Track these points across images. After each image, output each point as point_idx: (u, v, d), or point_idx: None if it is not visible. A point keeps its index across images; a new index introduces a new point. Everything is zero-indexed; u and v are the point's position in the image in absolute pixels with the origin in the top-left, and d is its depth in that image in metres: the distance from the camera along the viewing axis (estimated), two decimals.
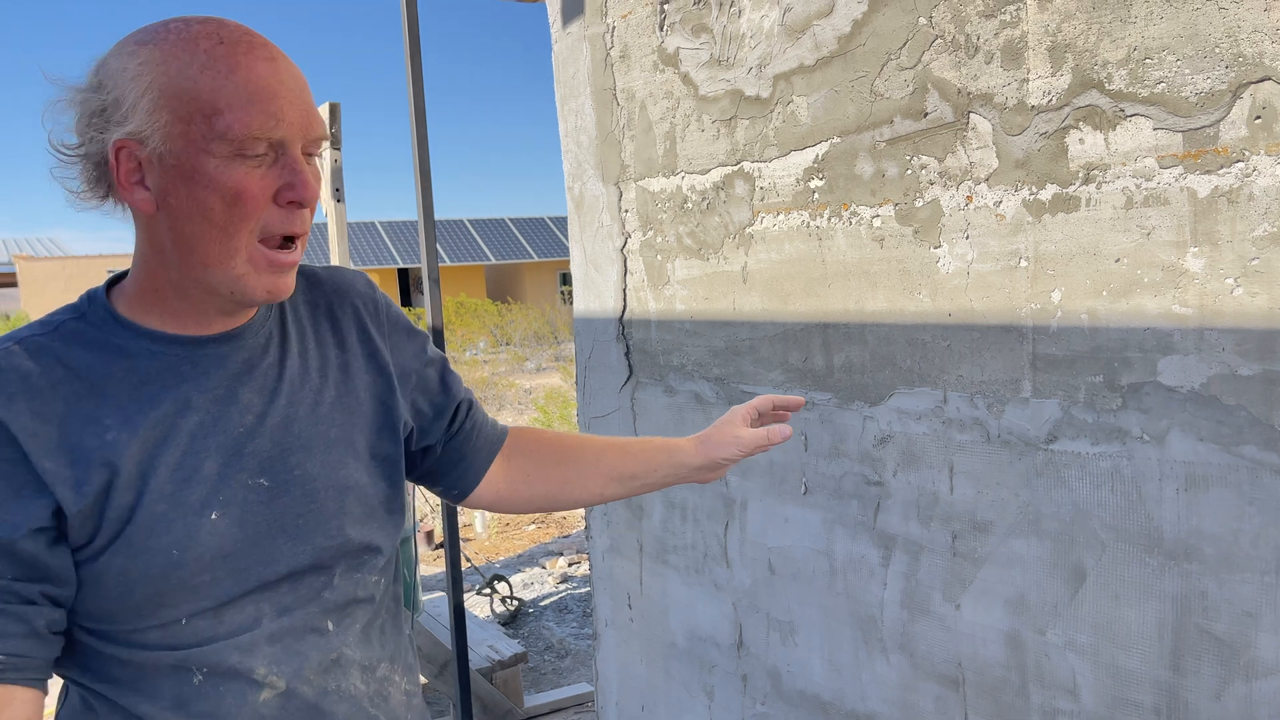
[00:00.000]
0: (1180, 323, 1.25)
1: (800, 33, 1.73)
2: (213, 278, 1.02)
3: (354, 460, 1.15)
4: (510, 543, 7.03)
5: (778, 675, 1.98)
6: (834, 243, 1.72)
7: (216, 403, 1.06)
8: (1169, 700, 1.32)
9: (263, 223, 1.00)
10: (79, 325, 1.04)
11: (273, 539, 1.07)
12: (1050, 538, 1.43)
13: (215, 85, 0.97)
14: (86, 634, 1.04)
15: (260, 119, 0.97)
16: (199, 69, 0.97)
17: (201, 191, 0.98)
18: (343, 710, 1.14)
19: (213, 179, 0.98)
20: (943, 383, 1.57)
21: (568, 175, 2.47)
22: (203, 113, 0.97)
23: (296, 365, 1.13)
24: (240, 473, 1.05)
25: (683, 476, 1.33)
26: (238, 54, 0.98)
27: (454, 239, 28.82)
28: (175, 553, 1.01)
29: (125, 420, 1.01)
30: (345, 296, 1.24)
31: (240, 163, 0.98)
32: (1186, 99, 1.22)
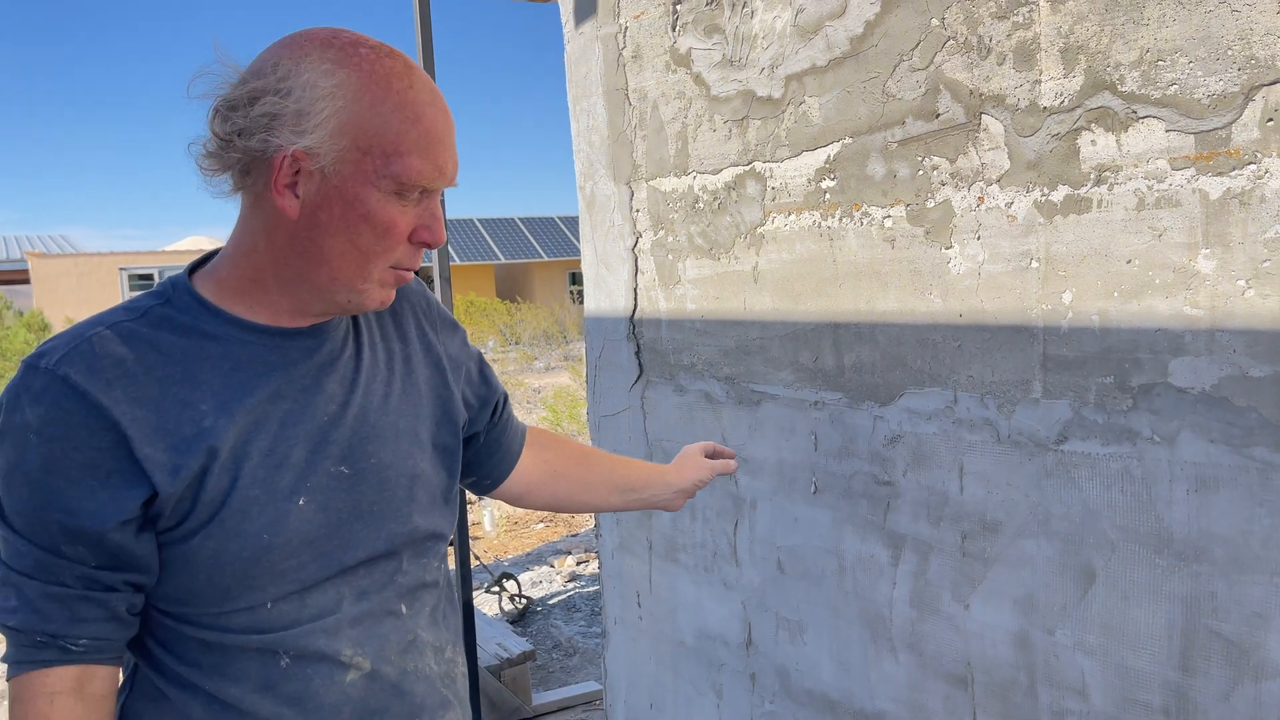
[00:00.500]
0: (1191, 324, 1.26)
1: (812, 33, 1.73)
2: (336, 289, 1.07)
3: (419, 450, 1.20)
4: (518, 541, 7.04)
5: (786, 674, 1.98)
6: (845, 243, 1.73)
7: (304, 392, 1.10)
8: (1178, 701, 1.32)
9: (397, 255, 1.07)
10: (166, 310, 1.07)
11: (351, 525, 1.11)
12: (1060, 538, 1.44)
13: (402, 130, 1.03)
14: (168, 617, 1.07)
15: (430, 170, 1.04)
16: (390, 109, 1.03)
17: (356, 217, 1.04)
18: (420, 690, 1.19)
19: (371, 210, 1.03)
20: (953, 383, 1.57)
21: (579, 175, 2.48)
22: (383, 151, 1.02)
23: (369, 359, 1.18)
24: (325, 460, 1.09)
25: (665, 501, 1.51)
26: (422, 103, 1.04)
27: (464, 238, 28.87)
28: (266, 537, 1.04)
29: (221, 405, 1.04)
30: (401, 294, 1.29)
31: (397, 201, 1.04)
32: (1199, 101, 1.22)
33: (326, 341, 1.13)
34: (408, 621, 1.18)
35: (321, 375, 1.12)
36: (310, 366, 1.11)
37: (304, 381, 1.10)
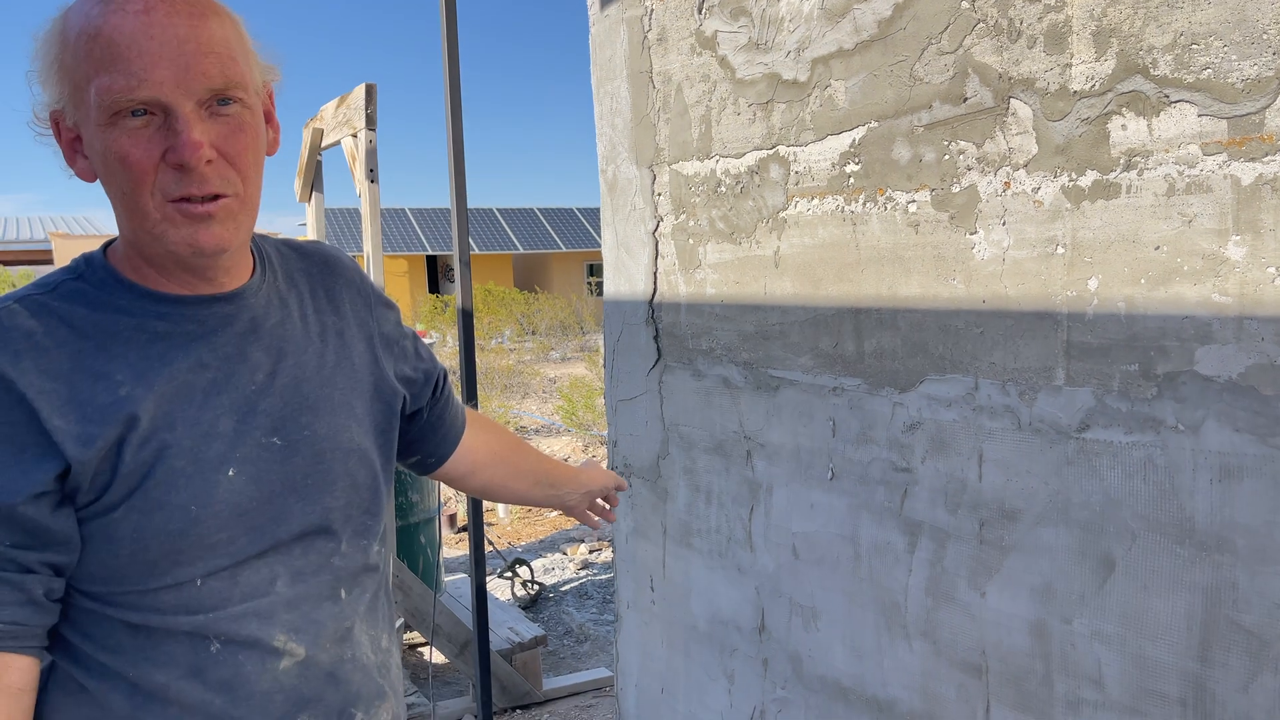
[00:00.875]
0: (1219, 311, 1.24)
1: (840, 16, 1.72)
2: (144, 236, 1.00)
3: (355, 424, 1.15)
4: (532, 528, 7.06)
5: (799, 660, 1.98)
6: (868, 228, 1.72)
7: (227, 360, 1.05)
8: (1196, 691, 1.31)
9: (161, 185, 0.96)
10: (79, 285, 1.02)
11: (285, 498, 1.07)
12: (1079, 527, 1.43)
13: (86, 50, 0.93)
14: (90, 599, 1.02)
15: (121, 81, 0.92)
16: (76, 34, 0.94)
17: (102, 161, 0.97)
18: (357, 679, 1.15)
19: (103, 147, 0.95)
20: (974, 369, 1.56)
21: (601, 158, 2.48)
22: (83, 79, 0.94)
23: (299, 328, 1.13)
24: (254, 430, 1.05)
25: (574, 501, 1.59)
26: (107, 12, 0.93)
27: (483, 228, 28.91)
28: (194, 508, 1.00)
29: (138, 376, 0.99)
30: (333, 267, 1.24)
31: (118, 128, 0.94)
32: (1232, 85, 1.21)
33: (246, 309, 1.08)
34: (345, 608, 1.14)
35: (244, 344, 1.07)
36: (231, 334, 1.07)
37: (226, 350, 1.06)
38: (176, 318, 1.04)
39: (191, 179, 0.96)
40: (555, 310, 21.96)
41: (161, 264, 1.03)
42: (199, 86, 0.95)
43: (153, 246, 1.01)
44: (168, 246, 0.99)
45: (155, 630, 1.02)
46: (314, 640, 1.09)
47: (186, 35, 0.94)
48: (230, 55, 0.97)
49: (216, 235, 0.99)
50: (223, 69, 0.96)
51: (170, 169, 0.95)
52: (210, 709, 1.04)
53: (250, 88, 1.01)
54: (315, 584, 1.10)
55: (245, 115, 1.00)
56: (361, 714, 1.15)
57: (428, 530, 4.57)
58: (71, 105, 0.97)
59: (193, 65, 0.94)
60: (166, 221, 0.97)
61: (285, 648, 1.07)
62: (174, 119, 0.94)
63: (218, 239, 0.99)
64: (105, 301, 1.02)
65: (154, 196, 0.96)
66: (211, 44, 0.96)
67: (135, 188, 0.96)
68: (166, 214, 0.97)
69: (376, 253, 3.81)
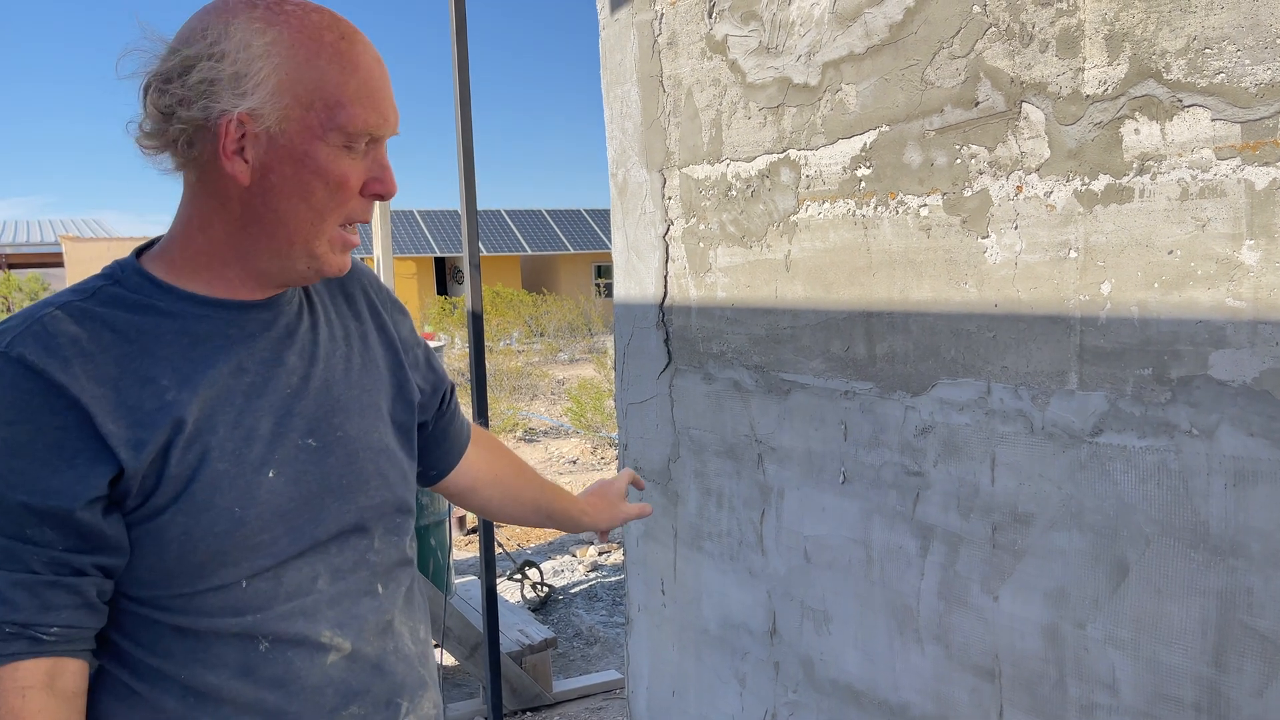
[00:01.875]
0: (1233, 316, 1.24)
1: (851, 20, 1.72)
2: (295, 253, 1.05)
3: (383, 424, 1.19)
4: (541, 530, 7.06)
5: (810, 664, 1.98)
6: (880, 232, 1.72)
7: (265, 365, 1.08)
8: (1210, 696, 1.31)
9: (351, 210, 1.06)
10: (117, 290, 1.05)
11: (322, 498, 1.10)
12: (1093, 531, 1.42)
13: (340, 80, 1.02)
14: (137, 604, 1.04)
15: (375, 117, 1.03)
16: (326, 61, 1.02)
17: (308, 175, 1.02)
18: (401, 670, 1.18)
19: (322, 165, 1.02)
20: (987, 373, 1.56)
21: (611, 162, 2.48)
22: (326, 103, 1.01)
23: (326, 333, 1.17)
24: (291, 432, 1.08)
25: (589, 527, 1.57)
26: (357, 52, 1.04)
27: (491, 229, 28.95)
28: (237, 510, 1.02)
29: (183, 379, 1.02)
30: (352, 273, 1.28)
31: (347, 154, 1.03)
32: (1246, 90, 1.21)
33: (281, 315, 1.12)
34: (384, 602, 1.16)
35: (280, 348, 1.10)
36: (269, 339, 1.09)
37: (264, 354, 1.08)
38: (217, 320, 1.07)
39: (370, 210, 1.09)
40: (563, 312, 21.97)
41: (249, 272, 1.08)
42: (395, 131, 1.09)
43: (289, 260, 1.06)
44: (321, 267, 1.07)
45: (204, 633, 1.04)
46: (358, 634, 1.13)
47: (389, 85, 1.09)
48: None
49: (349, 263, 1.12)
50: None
51: (363, 199, 1.07)
52: (264, 706, 1.06)
53: None
54: (354, 580, 1.13)
55: None
56: (406, 703, 1.19)
57: (438, 533, 4.58)
58: (279, 116, 1.01)
59: (396, 111, 1.08)
60: (332, 244, 1.07)
61: (332, 643, 1.10)
62: (377, 153, 1.06)
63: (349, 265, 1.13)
64: (145, 305, 1.04)
65: (338, 220, 1.06)
66: None
67: (335, 208, 1.05)
68: (335, 237, 1.06)
69: (387, 255, 3.83)
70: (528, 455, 9.47)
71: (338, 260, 1.08)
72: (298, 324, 1.13)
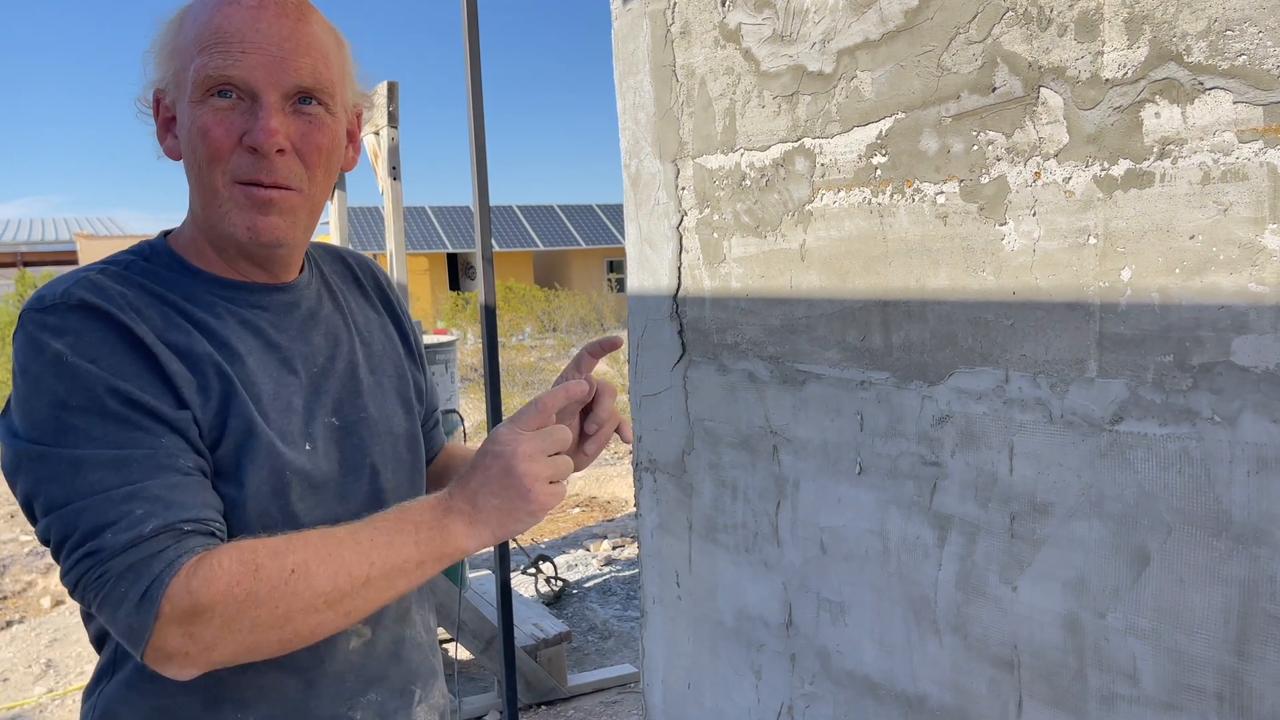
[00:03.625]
0: (1257, 301, 1.22)
1: (866, 7, 1.71)
2: (212, 215, 1.04)
3: (399, 410, 1.21)
4: (555, 525, 7.07)
5: (827, 655, 1.97)
6: (896, 220, 1.71)
7: (293, 342, 1.10)
8: (1232, 686, 1.29)
9: (232, 166, 1.01)
10: (148, 266, 1.06)
11: (346, 476, 1.11)
12: (1113, 520, 1.41)
13: (195, 32, 1.00)
14: None
15: (217, 60, 0.98)
16: (191, 20, 1.02)
17: (186, 133, 1.02)
18: (415, 658, 1.20)
19: (190, 120, 1.01)
20: (1005, 362, 1.55)
21: (624, 153, 2.47)
22: (187, 58, 1.01)
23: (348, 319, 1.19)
24: (320, 409, 1.10)
25: None
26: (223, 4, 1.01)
27: (503, 225, 28.98)
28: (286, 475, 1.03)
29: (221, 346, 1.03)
30: (367, 269, 1.31)
31: (207, 105, 1.00)
32: (1268, 72, 1.19)
33: (303, 298, 1.14)
34: None
35: (306, 329, 1.12)
36: (294, 320, 1.11)
37: (291, 333, 1.10)
38: (242, 302, 1.08)
39: (261, 165, 1.01)
40: (576, 307, 21.97)
41: (225, 250, 1.08)
42: (288, 81, 1.01)
43: (218, 228, 1.04)
44: (228, 229, 1.03)
45: None
46: (378, 620, 1.14)
47: (288, 34, 1.01)
48: (325, 61, 1.03)
49: (274, 225, 1.03)
50: (314, 70, 1.02)
51: (245, 152, 1.00)
52: (286, 690, 1.07)
53: (337, 97, 1.06)
54: None
55: (325, 119, 1.05)
56: (420, 691, 1.20)
57: None
58: (174, 84, 1.03)
59: (287, 60, 1.00)
60: (231, 202, 1.02)
61: (354, 628, 1.10)
62: (258, 106, 1.00)
63: (275, 229, 1.03)
64: (175, 283, 1.06)
65: (224, 175, 1.01)
66: (309, 46, 1.02)
67: (210, 163, 1.01)
68: (233, 194, 1.02)
69: (400, 250, 3.83)
70: None
71: (244, 219, 1.02)
72: (319, 308, 1.15)
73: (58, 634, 5.02)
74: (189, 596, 0.87)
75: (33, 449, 0.92)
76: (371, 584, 0.92)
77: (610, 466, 8.56)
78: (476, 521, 0.95)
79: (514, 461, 0.96)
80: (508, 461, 0.96)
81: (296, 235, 1.06)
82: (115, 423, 0.93)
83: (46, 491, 0.91)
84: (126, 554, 0.88)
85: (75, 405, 0.92)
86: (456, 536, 0.95)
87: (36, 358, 0.93)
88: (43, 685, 4.42)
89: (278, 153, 1.00)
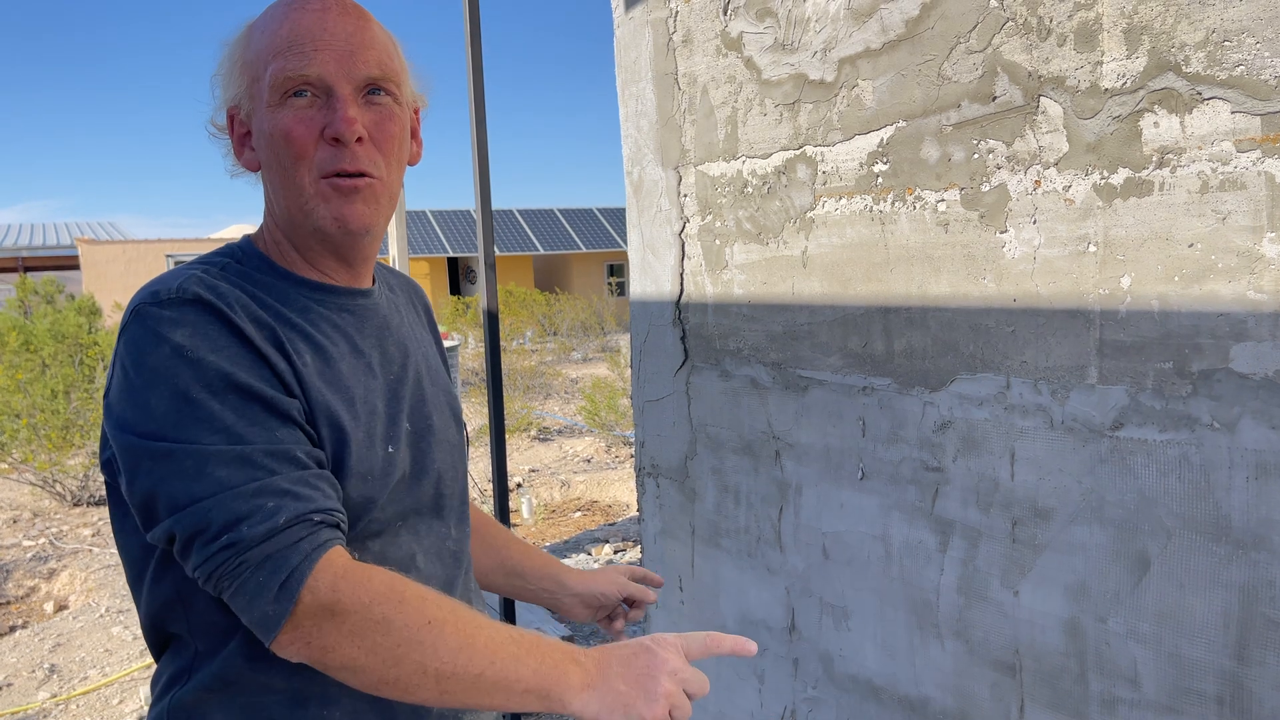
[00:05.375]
0: (1255, 308, 1.24)
1: (867, 16, 1.72)
2: (298, 214, 1.08)
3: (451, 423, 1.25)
4: (557, 529, 7.08)
5: (830, 660, 1.98)
6: (897, 227, 1.72)
7: (373, 348, 1.14)
8: (1233, 690, 1.30)
9: (317, 161, 1.05)
10: (242, 268, 1.10)
11: (416, 479, 1.15)
12: (1114, 525, 1.42)
13: (266, 41, 1.05)
14: None
15: (294, 61, 1.03)
16: (260, 31, 1.06)
17: (268, 142, 1.06)
18: None
19: (271, 127, 1.05)
20: (1006, 368, 1.56)
21: (627, 160, 2.49)
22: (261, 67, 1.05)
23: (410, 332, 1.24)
24: (398, 414, 1.13)
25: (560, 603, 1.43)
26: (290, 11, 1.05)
27: (503, 229, 29.00)
28: (370, 479, 1.06)
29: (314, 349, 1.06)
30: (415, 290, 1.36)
31: (286, 108, 1.04)
32: (1265, 82, 1.20)
33: (379, 307, 1.17)
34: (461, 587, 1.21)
35: (382, 336, 1.16)
36: (373, 326, 1.15)
37: (371, 339, 1.14)
38: (331, 305, 1.12)
39: (343, 155, 1.05)
40: (576, 311, 21.98)
41: (310, 250, 1.11)
42: (359, 73, 1.06)
43: (304, 225, 1.08)
44: (317, 222, 1.07)
45: None
46: None
47: (353, 31, 1.06)
48: (388, 54, 1.09)
49: (360, 213, 1.07)
50: (380, 61, 1.07)
51: (327, 145, 1.04)
52: None
53: (402, 88, 1.11)
54: (439, 564, 1.18)
55: (395, 108, 1.10)
56: None
57: None
58: (247, 97, 1.07)
59: (356, 54, 1.05)
60: (319, 197, 1.05)
61: None
62: (334, 99, 1.04)
63: (362, 216, 1.07)
64: (268, 285, 1.09)
65: (310, 172, 1.05)
66: (373, 40, 1.08)
67: (295, 162, 1.05)
68: (320, 189, 1.05)
69: (402, 255, 3.84)
70: (542, 454, 9.48)
71: (331, 209, 1.06)
72: (390, 317, 1.19)
73: (61, 639, 5.03)
74: (333, 594, 0.91)
75: (154, 446, 0.93)
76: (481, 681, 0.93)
77: (612, 470, 8.57)
78: (593, 688, 0.96)
79: (660, 668, 0.97)
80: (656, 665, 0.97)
81: (379, 222, 1.11)
82: (235, 414, 0.95)
83: (171, 489, 0.93)
84: (264, 545, 0.91)
85: (195, 397, 0.94)
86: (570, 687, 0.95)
87: (154, 350, 0.95)
88: (46, 691, 4.43)
89: (357, 141, 1.05)
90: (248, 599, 0.91)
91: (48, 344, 9.53)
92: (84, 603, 5.75)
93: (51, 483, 7.60)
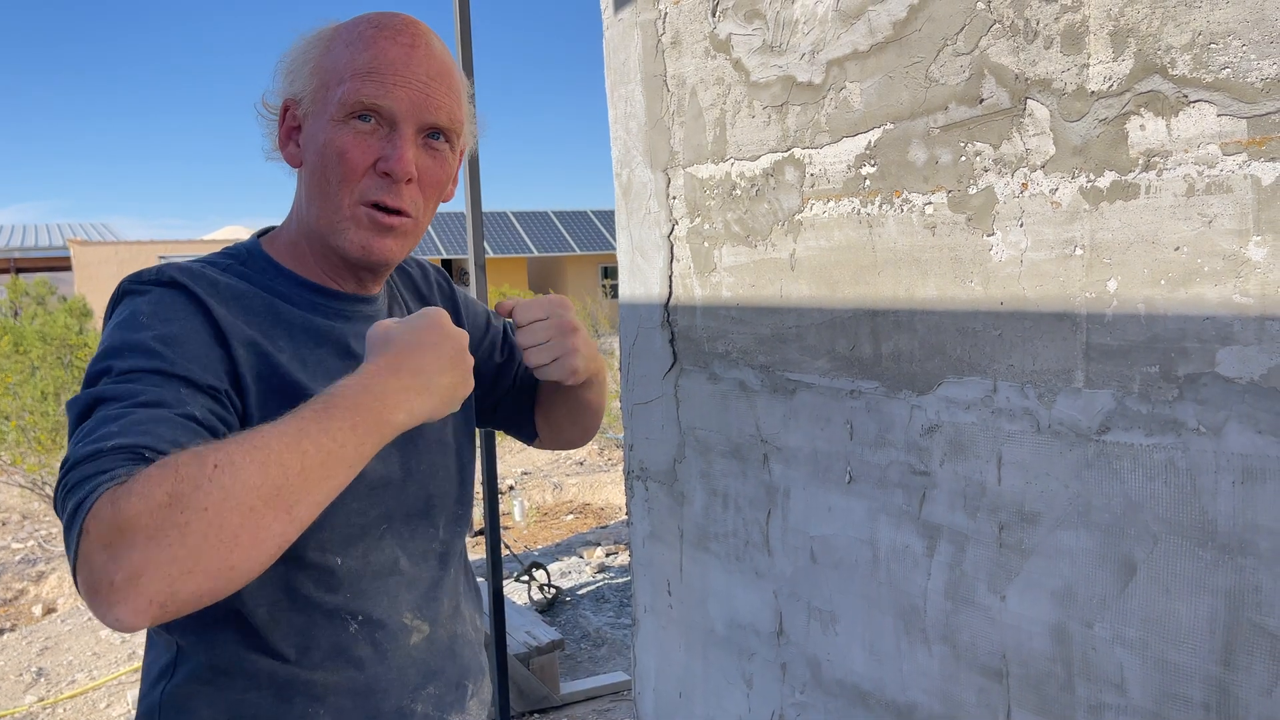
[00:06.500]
0: (1241, 312, 1.23)
1: (855, 18, 1.72)
2: (327, 229, 1.10)
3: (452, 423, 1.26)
4: (548, 532, 7.06)
5: (817, 664, 1.97)
6: (885, 230, 1.71)
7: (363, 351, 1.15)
8: (1219, 695, 1.30)
9: (361, 187, 1.07)
10: (243, 269, 1.12)
11: (403, 482, 1.16)
12: (1100, 530, 1.42)
13: (349, 58, 1.07)
14: None
15: (370, 88, 1.05)
16: (344, 44, 1.08)
17: (320, 148, 1.08)
18: (467, 654, 1.25)
19: (328, 138, 1.07)
20: (993, 372, 1.55)
21: (616, 162, 2.48)
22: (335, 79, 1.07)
23: None
24: None
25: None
26: (380, 36, 1.08)
27: (497, 231, 28.98)
28: None
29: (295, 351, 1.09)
30: (428, 278, 1.36)
31: (349, 129, 1.06)
32: (1252, 85, 1.20)
33: (381, 311, 1.19)
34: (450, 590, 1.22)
35: None
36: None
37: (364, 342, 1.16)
38: (328, 310, 1.14)
39: (390, 190, 1.07)
40: None
41: (327, 259, 1.13)
42: (427, 119, 1.08)
43: (330, 239, 1.10)
44: (343, 244, 1.09)
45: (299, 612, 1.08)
46: (434, 617, 1.18)
47: (435, 74, 1.08)
48: (459, 104, 1.11)
49: (388, 247, 1.10)
50: (450, 111, 1.10)
51: (376, 175, 1.07)
52: (355, 683, 1.10)
53: (461, 137, 1.14)
54: (426, 566, 1.19)
55: (448, 156, 1.13)
56: (472, 685, 1.25)
57: None
58: (310, 99, 1.09)
59: (430, 99, 1.08)
60: (353, 220, 1.08)
61: (412, 624, 1.16)
62: (395, 135, 1.07)
63: (388, 251, 1.10)
64: (267, 285, 1.11)
65: (351, 195, 1.07)
66: (450, 88, 1.10)
67: (341, 182, 1.06)
68: (356, 214, 1.08)
69: None
70: (534, 456, 9.47)
71: (361, 238, 1.08)
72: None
73: (49, 642, 5.00)
74: (110, 508, 0.77)
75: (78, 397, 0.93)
76: (309, 474, 0.82)
77: (604, 473, 8.56)
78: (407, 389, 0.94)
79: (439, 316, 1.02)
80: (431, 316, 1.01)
81: (403, 256, 1.14)
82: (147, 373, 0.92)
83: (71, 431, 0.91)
84: (81, 467, 0.83)
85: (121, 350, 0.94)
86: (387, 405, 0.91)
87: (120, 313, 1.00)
88: (34, 694, 4.41)
89: (406, 181, 1.07)
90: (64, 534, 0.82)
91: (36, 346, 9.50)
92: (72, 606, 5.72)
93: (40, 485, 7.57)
